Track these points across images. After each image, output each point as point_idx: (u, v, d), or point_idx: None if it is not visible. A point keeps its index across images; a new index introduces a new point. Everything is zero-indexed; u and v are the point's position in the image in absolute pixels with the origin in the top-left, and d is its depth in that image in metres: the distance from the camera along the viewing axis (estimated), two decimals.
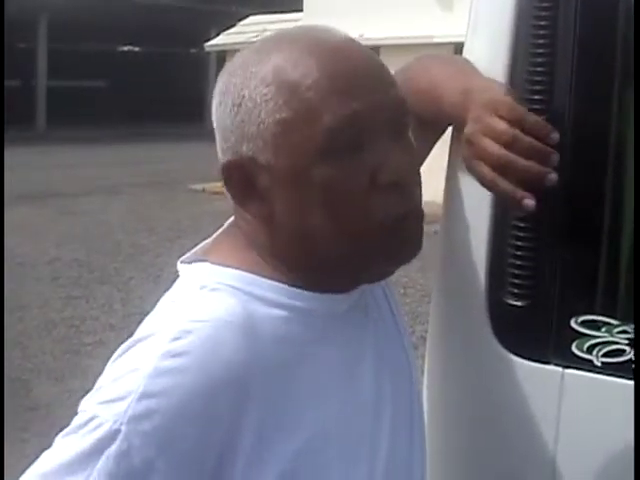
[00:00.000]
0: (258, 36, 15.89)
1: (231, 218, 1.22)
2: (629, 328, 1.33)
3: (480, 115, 1.27)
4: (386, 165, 1.08)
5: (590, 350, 1.35)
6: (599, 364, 1.34)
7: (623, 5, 1.35)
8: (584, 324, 1.35)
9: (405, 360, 1.27)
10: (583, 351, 1.35)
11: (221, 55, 19.65)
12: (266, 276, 1.12)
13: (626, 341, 1.33)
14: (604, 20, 1.37)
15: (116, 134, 25.12)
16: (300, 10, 15.66)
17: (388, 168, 1.08)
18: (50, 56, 28.95)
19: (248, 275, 1.12)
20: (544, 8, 1.38)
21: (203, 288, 1.10)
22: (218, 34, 19.30)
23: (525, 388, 1.40)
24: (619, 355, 1.33)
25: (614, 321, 1.34)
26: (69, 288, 8.79)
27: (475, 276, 1.43)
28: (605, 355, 1.34)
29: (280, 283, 1.12)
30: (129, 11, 27.85)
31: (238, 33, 17.73)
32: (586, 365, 1.35)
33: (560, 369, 1.37)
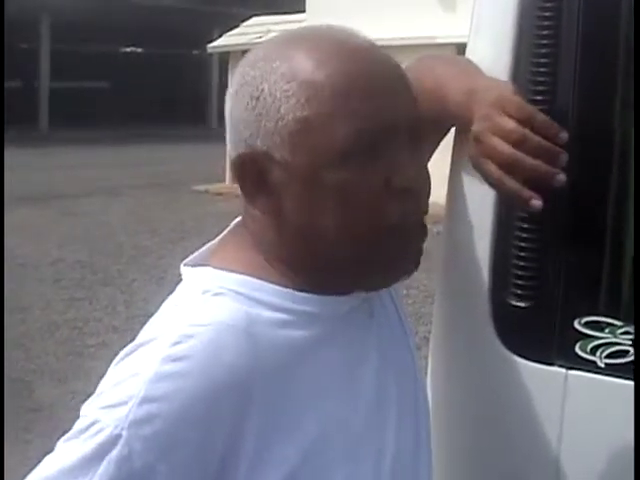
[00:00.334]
0: (261, 37, 15.87)
1: (237, 219, 1.22)
2: (632, 329, 1.32)
3: (488, 113, 1.26)
4: (401, 170, 1.08)
5: (594, 351, 1.35)
6: (603, 365, 1.34)
7: (626, 5, 1.35)
8: (588, 325, 1.35)
9: (411, 362, 1.27)
10: (587, 352, 1.35)
11: (224, 56, 19.65)
12: (270, 280, 1.12)
13: (629, 342, 1.33)
14: (607, 20, 1.37)
15: (119, 135, 25.14)
16: (303, 11, 15.65)
17: (402, 173, 1.08)
18: (52, 57, 29.00)
19: (251, 280, 1.12)
20: (547, 8, 1.38)
21: (206, 293, 1.10)
22: (221, 35, 19.27)
23: (528, 389, 1.40)
24: (623, 356, 1.33)
25: (618, 322, 1.34)
26: (72, 290, 8.79)
27: (478, 277, 1.43)
28: (609, 356, 1.34)
29: (283, 287, 1.12)
30: (131, 12, 27.89)
31: (241, 34, 17.69)
32: (590, 366, 1.35)
33: (564, 370, 1.37)
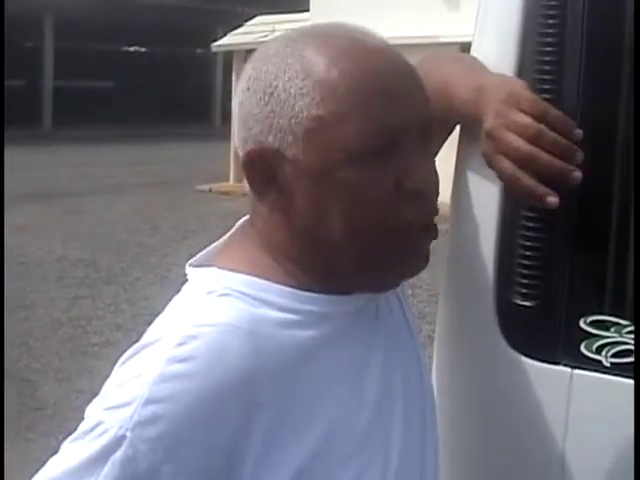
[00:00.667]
0: (266, 36, 15.88)
1: (243, 218, 1.21)
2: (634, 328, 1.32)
3: (501, 109, 1.26)
4: (412, 172, 1.08)
5: (599, 350, 1.34)
6: (608, 364, 1.34)
7: (630, 4, 1.34)
8: (593, 324, 1.35)
9: (417, 362, 1.26)
10: (592, 351, 1.35)
11: (228, 55, 19.65)
12: (276, 280, 1.12)
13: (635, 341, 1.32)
14: (612, 19, 1.36)
15: (122, 134, 25.15)
16: (307, 10, 15.65)
17: (414, 175, 1.08)
18: (56, 56, 29.02)
19: (257, 280, 1.11)
20: (552, 7, 1.38)
21: (211, 293, 1.10)
22: (225, 34, 19.28)
23: (534, 388, 1.39)
24: (628, 355, 1.32)
25: (623, 321, 1.33)
26: (75, 288, 8.81)
27: (483, 276, 1.43)
28: (614, 355, 1.33)
29: (290, 287, 1.12)
30: (135, 11, 27.90)
31: (245, 33, 17.70)
32: (595, 365, 1.34)
33: (569, 369, 1.37)
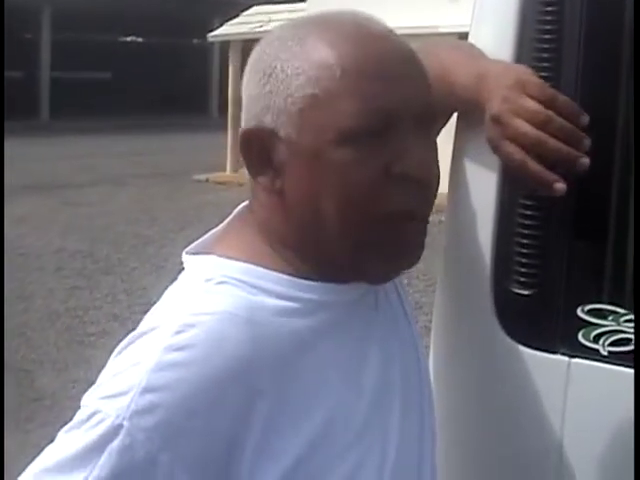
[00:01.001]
0: (262, 26, 15.85)
1: (242, 204, 1.21)
2: (634, 317, 1.32)
3: (508, 95, 1.26)
4: (404, 157, 1.08)
5: (597, 339, 1.34)
6: (606, 353, 1.34)
7: None
8: (591, 313, 1.35)
9: (414, 353, 1.26)
10: (590, 340, 1.35)
11: (224, 46, 19.59)
12: (273, 268, 1.12)
13: (633, 330, 1.32)
14: (610, 8, 1.36)
15: (119, 125, 25.11)
16: (304, 0, 15.61)
17: (405, 160, 1.08)
18: (53, 47, 28.94)
19: (255, 268, 1.11)
20: None
21: (208, 281, 1.10)
22: (221, 24, 19.24)
23: (531, 377, 1.39)
24: (626, 344, 1.32)
25: (621, 310, 1.33)
26: (73, 279, 8.80)
27: (481, 265, 1.43)
28: (612, 344, 1.33)
29: (288, 275, 1.11)
30: (132, 2, 27.84)
31: (241, 23, 17.65)
32: (593, 354, 1.34)
33: (566, 358, 1.37)
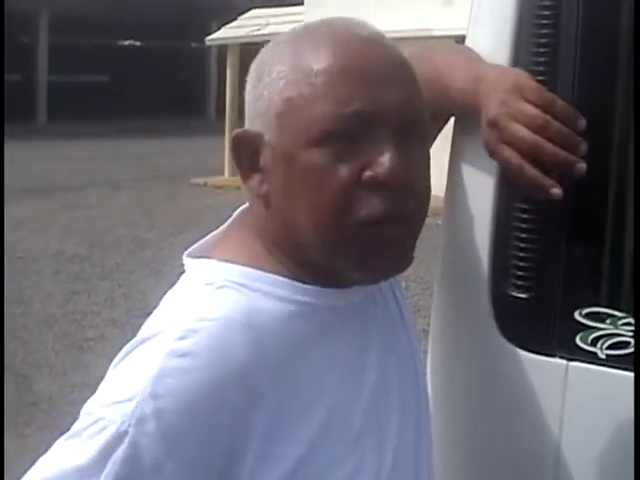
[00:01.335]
0: (260, 30, 15.85)
1: (242, 206, 1.22)
2: (634, 320, 1.32)
3: (506, 99, 1.26)
4: (376, 163, 1.06)
5: (594, 342, 1.34)
6: (603, 356, 1.34)
7: None
8: (588, 316, 1.35)
9: (411, 358, 1.26)
10: (587, 343, 1.34)
11: (222, 49, 19.60)
12: (271, 271, 1.12)
13: (630, 333, 1.32)
14: (608, 10, 1.36)
15: (117, 128, 25.08)
16: (301, 3, 15.61)
17: (376, 166, 1.06)
18: (51, 50, 28.92)
19: (254, 271, 1.11)
20: None
21: (209, 285, 1.10)
22: (219, 28, 19.23)
23: (529, 381, 1.39)
24: (623, 347, 1.32)
25: (619, 313, 1.33)
26: (71, 283, 8.79)
27: (478, 268, 1.43)
28: (609, 347, 1.33)
29: (286, 278, 1.12)
30: (130, 5, 27.84)
31: (239, 27, 17.64)
32: (590, 357, 1.34)
33: (564, 362, 1.37)
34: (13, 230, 10.40)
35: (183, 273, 1.17)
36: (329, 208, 1.07)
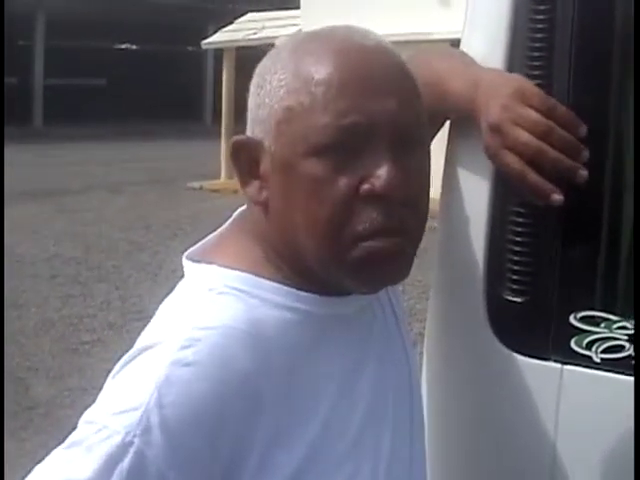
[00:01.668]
0: (256, 33, 15.86)
1: (241, 208, 1.22)
2: (628, 324, 1.32)
3: (508, 104, 1.25)
4: (374, 176, 1.06)
5: (589, 346, 1.34)
6: (598, 360, 1.34)
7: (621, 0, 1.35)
8: (583, 320, 1.35)
9: (405, 363, 1.26)
10: (582, 347, 1.35)
11: (218, 53, 19.59)
12: (270, 278, 1.12)
13: (625, 337, 1.32)
14: (602, 13, 1.36)
15: (113, 132, 25.06)
16: (297, 7, 15.62)
17: (374, 179, 1.06)
18: (47, 54, 28.91)
19: (254, 278, 1.11)
20: (542, 2, 1.38)
21: (210, 291, 1.10)
22: (215, 32, 19.23)
23: (524, 384, 1.39)
24: (618, 351, 1.33)
25: (613, 317, 1.33)
26: (67, 286, 8.78)
27: (473, 272, 1.43)
28: (604, 351, 1.33)
29: (284, 285, 1.12)
30: (126, 9, 27.82)
31: (235, 31, 17.64)
32: (585, 361, 1.34)
33: (559, 365, 1.37)
34: (9, 233, 10.38)
35: (180, 276, 1.17)
36: (327, 220, 1.07)
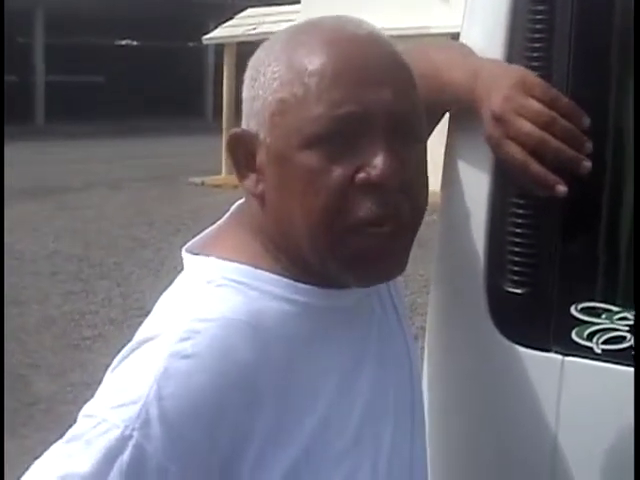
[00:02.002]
0: (256, 28, 15.84)
1: (239, 201, 1.22)
2: (629, 315, 1.32)
3: (511, 94, 1.25)
4: (369, 165, 1.06)
5: (590, 337, 1.34)
6: (599, 351, 1.34)
7: None
8: (584, 311, 1.35)
9: (406, 356, 1.26)
10: (583, 338, 1.35)
11: (219, 48, 19.60)
12: (269, 270, 1.12)
13: (626, 328, 1.32)
14: (601, 7, 1.36)
15: (114, 129, 25.07)
16: (297, 2, 15.60)
17: (369, 168, 1.06)
18: (47, 51, 28.90)
19: (252, 270, 1.11)
20: None
21: (209, 284, 1.10)
22: (216, 27, 19.22)
23: (525, 376, 1.39)
24: (619, 342, 1.33)
25: (614, 308, 1.33)
26: (69, 283, 8.78)
27: (474, 264, 1.43)
28: (605, 342, 1.33)
29: (283, 277, 1.12)
30: (126, 5, 27.81)
31: (235, 26, 17.63)
32: (586, 352, 1.34)
33: (560, 357, 1.37)
34: (10, 231, 10.39)
35: (182, 271, 1.17)
36: (322, 210, 1.06)
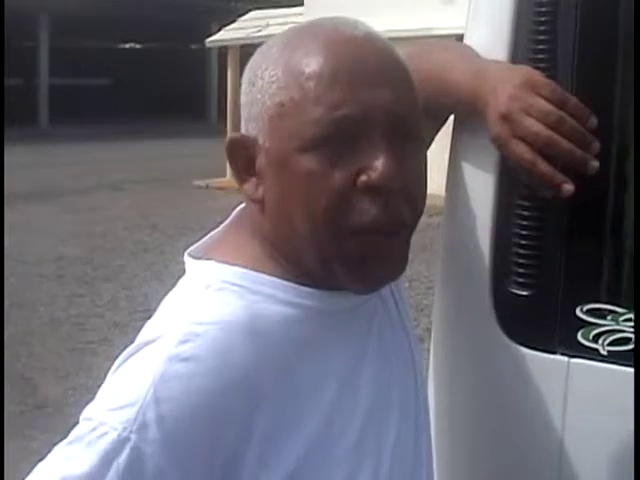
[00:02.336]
0: (260, 31, 15.85)
1: (241, 205, 1.22)
2: (634, 315, 1.32)
3: (518, 94, 1.25)
4: (370, 168, 1.05)
5: (596, 339, 1.34)
6: (605, 353, 1.33)
7: None
8: (590, 313, 1.35)
9: (410, 359, 1.26)
10: (589, 340, 1.34)
11: (222, 51, 19.64)
12: (270, 273, 1.12)
13: (632, 329, 1.32)
14: (606, 6, 1.36)
15: (119, 131, 25.10)
16: (301, 4, 15.61)
17: (370, 171, 1.05)
18: (52, 54, 28.96)
19: (253, 273, 1.11)
20: None
21: (209, 287, 1.09)
22: (219, 30, 19.24)
23: (531, 378, 1.39)
24: (625, 343, 1.32)
25: (620, 309, 1.33)
26: (74, 286, 8.79)
27: (479, 266, 1.42)
28: (611, 344, 1.33)
29: (284, 280, 1.11)
30: (130, 8, 27.85)
31: (239, 29, 17.65)
32: (592, 354, 1.34)
33: (566, 358, 1.37)
34: (16, 234, 10.41)
35: (184, 274, 1.17)
36: (323, 214, 1.06)
